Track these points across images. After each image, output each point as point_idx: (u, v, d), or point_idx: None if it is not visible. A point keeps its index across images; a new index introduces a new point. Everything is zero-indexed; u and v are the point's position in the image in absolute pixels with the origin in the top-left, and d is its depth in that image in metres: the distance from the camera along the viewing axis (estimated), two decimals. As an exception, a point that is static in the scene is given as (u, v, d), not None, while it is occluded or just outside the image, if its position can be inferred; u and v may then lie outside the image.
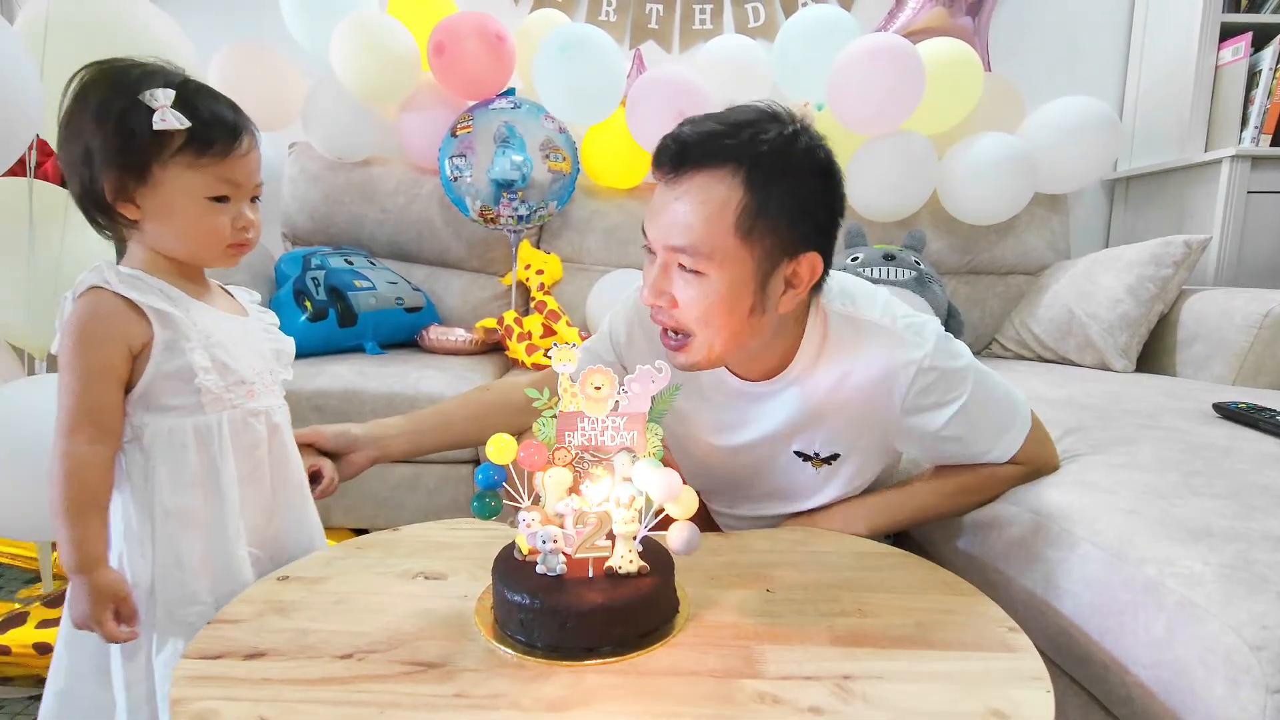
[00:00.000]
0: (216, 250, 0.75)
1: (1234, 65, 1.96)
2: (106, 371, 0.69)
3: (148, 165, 0.69)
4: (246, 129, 0.74)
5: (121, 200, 0.70)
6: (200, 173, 0.71)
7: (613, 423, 0.67)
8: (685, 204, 0.74)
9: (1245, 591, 0.62)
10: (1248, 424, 1.07)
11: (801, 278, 0.78)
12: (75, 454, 0.68)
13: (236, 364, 0.75)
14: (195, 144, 0.70)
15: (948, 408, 0.83)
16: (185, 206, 0.71)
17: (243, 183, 0.74)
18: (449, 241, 2.08)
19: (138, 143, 0.68)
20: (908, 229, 1.93)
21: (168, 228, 0.72)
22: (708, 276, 0.74)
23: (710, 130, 0.74)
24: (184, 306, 0.73)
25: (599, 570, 0.62)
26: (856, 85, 1.75)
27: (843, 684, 0.55)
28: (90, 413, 0.68)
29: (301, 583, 0.72)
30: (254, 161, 0.75)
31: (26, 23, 1.16)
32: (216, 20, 2.20)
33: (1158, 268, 1.64)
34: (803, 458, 0.91)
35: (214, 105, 0.72)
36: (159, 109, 0.68)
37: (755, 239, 0.74)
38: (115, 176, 0.69)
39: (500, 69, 1.88)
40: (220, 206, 0.73)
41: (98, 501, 0.69)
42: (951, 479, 0.90)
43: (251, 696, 0.54)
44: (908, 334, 0.82)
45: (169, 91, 0.69)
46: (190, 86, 0.71)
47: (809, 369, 0.86)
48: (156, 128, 0.67)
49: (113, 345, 0.69)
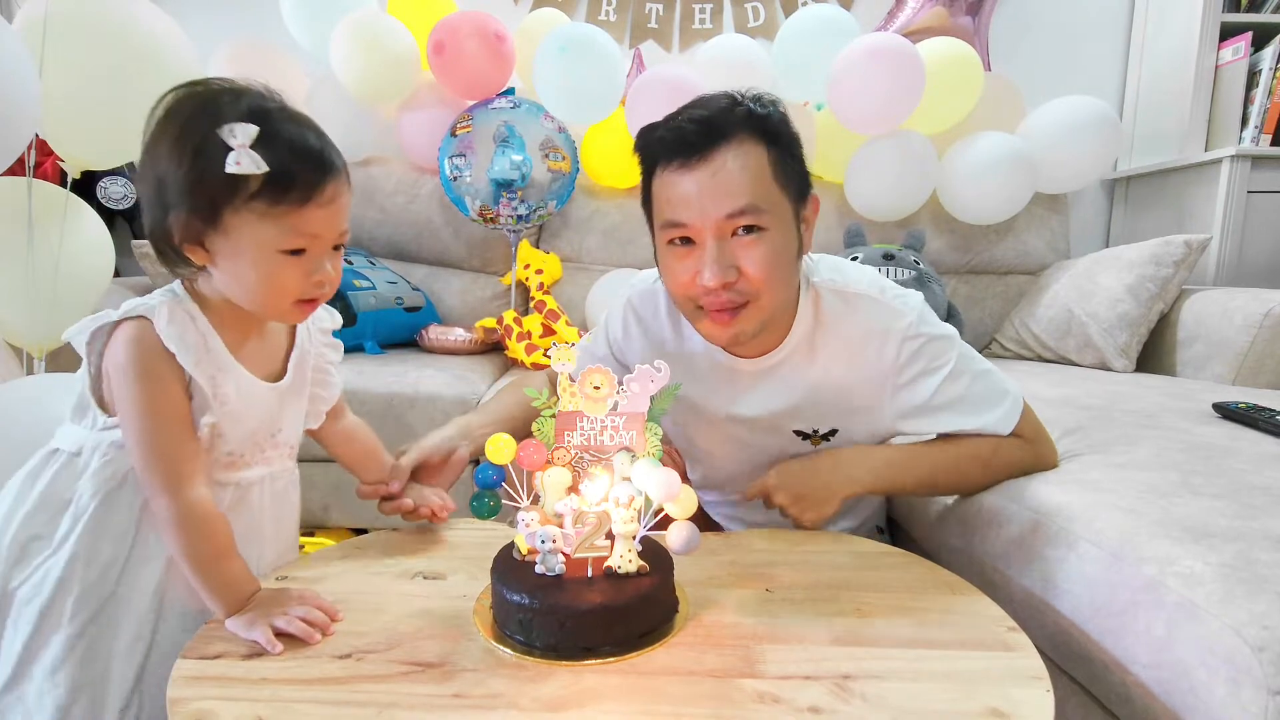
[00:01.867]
0: (283, 306, 0.68)
1: (1234, 65, 1.96)
2: (183, 415, 0.66)
3: (219, 209, 0.62)
4: (333, 172, 0.66)
5: (189, 243, 0.65)
6: (274, 223, 0.63)
7: (612, 422, 0.67)
8: (728, 174, 0.77)
9: (1246, 591, 0.61)
10: (1248, 424, 1.06)
11: (809, 216, 0.86)
12: (195, 503, 0.64)
13: (233, 434, 0.70)
14: (271, 190, 0.62)
15: (936, 374, 0.86)
16: (255, 259, 0.64)
17: (322, 234, 0.66)
18: (448, 241, 2.08)
19: (210, 183, 0.61)
20: (907, 228, 1.93)
21: (234, 279, 0.66)
22: (768, 230, 0.79)
23: (717, 109, 0.80)
24: (216, 366, 0.68)
25: (598, 570, 0.62)
26: (856, 85, 1.75)
27: (842, 683, 0.55)
28: (185, 460, 0.65)
29: (300, 583, 0.72)
30: (339, 210, 0.67)
31: (25, 21, 1.16)
32: (216, 19, 2.20)
33: (1158, 267, 1.64)
34: (801, 435, 0.93)
35: (299, 146, 0.64)
36: (236, 148, 0.60)
37: (786, 187, 0.81)
38: (184, 217, 0.63)
39: (500, 68, 1.88)
40: (294, 260, 0.65)
41: (230, 540, 0.66)
42: (964, 443, 0.90)
43: (249, 696, 0.54)
44: (895, 302, 0.87)
45: (250, 128, 0.61)
46: (277, 120, 0.63)
47: (802, 343, 0.89)
48: (228, 170, 0.60)
49: (177, 387, 0.65)
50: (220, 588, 0.64)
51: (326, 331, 0.81)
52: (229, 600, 0.63)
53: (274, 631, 0.60)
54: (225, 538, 0.66)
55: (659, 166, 0.81)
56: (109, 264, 1.35)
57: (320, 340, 0.80)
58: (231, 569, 0.65)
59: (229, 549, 0.66)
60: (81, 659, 0.65)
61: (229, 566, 0.65)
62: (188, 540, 0.64)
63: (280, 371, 0.75)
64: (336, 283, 0.70)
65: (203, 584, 0.64)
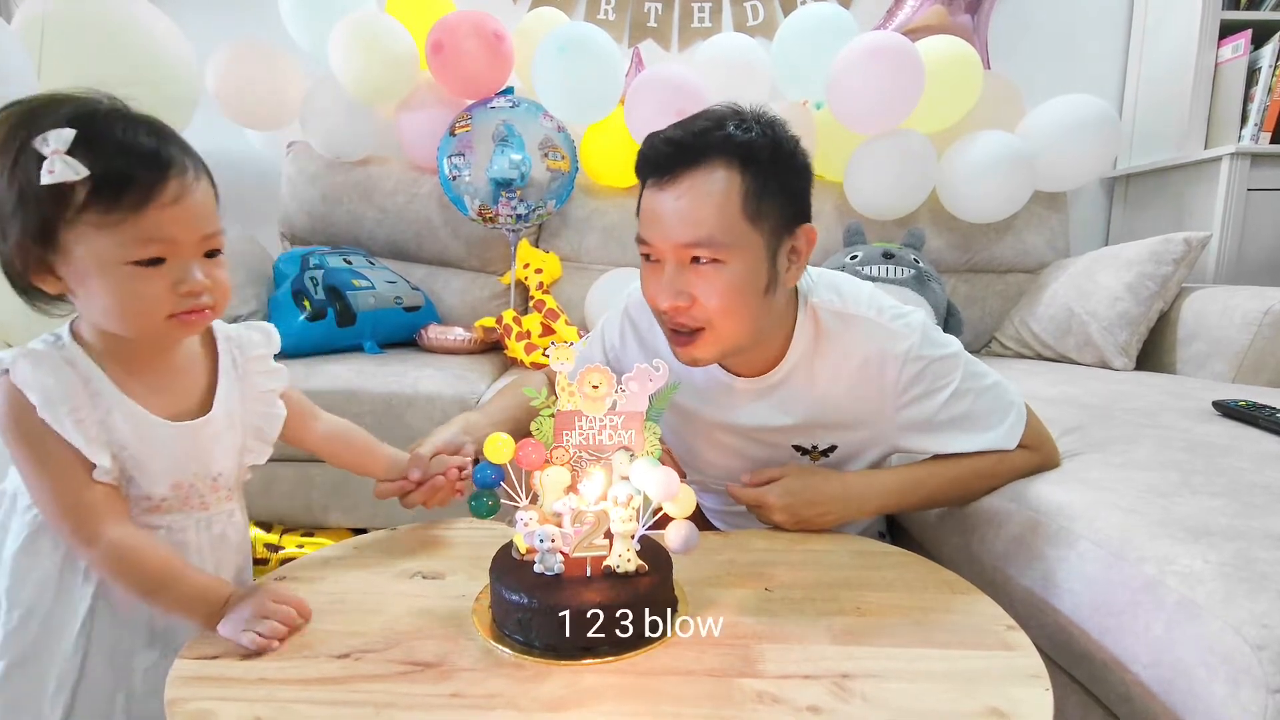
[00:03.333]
0: (153, 324, 0.61)
1: (1234, 63, 1.96)
2: (75, 464, 0.60)
3: (52, 227, 0.56)
4: (174, 169, 0.59)
5: (37, 272, 0.59)
6: (112, 234, 0.57)
7: (610, 421, 0.67)
8: (690, 200, 0.75)
9: (1246, 590, 0.61)
10: (1248, 422, 1.06)
11: (801, 250, 0.82)
12: (110, 548, 0.60)
13: (143, 478, 0.65)
14: (101, 197, 0.56)
15: (939, 394, 0.85)
16: (102, 277, 0.58)
17: (179, 237, 0.59)
18: (448, 241, 2.08)
19: (33, 199, 0.55)
20: (907, 227, 1.93)
21: (90, 303, 0.59)
22: (726, 264, 0.76)
23: (697, 129, 0.77)
24: (104, 408, 0.62)
25: (597, 569, 0.62)
26: (855, 83, 1.75)
27: (841, 683, 0.55)
28: (87, 508, 0.61)
29: (298, 583, 0.72)
30: (192, 210, 0.60)
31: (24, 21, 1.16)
32: (215, 19, 2.19)
33: (1157, 265, 1.64)
34: (801, 450, 0.92)
35: (128, 145, 0.57)
36: (50, 155, 0.54)
37: (761, 220, 0.77)
38: (18, 241, 0.57)
39: (499, 68, 1.88)
40: (151, 272, 0.59)
41: (169, 561, 0.62)
42: (968, 461, 0.89)
43: (247, 697, 0.54)
44: (895, 324, 0.85)
45: (65, 132, 0.55)
46: (102, 121, 0.57)
47: (801, 364, 0.87)
48: (43, 181, 0.54)
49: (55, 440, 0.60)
50: (181, 607, 0.62)
51: (262, 358, 0.74)
52: (200, 613, 0.61)
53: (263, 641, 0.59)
54: (160, 563, 0.62)
55: (644, 180, 0.81)
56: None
57: (255, 368, 0.73)
58: (184, 587, 0.62)
59: (170, 571, 0.62)
60: (7, 706, 0.63)
61: (179, 586, 0.62)
62: (122, 580, 0.62)
63: (198, 408, 0.69)
64: (217, 292, 0.63)
65: (163, 610, 0.63)
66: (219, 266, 0.64)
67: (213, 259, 0.63)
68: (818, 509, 0.84)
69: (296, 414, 0.79)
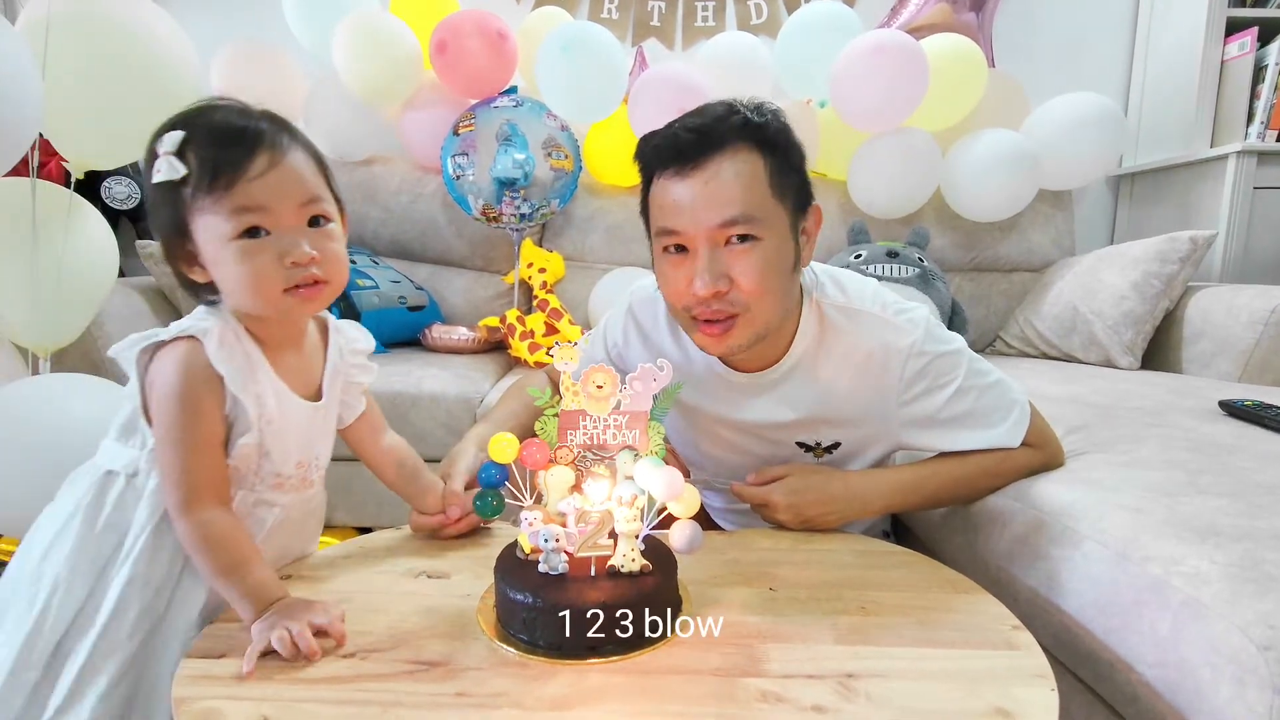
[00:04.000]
0: (271, 298, 0.64)
1: (1240, 60, 1.95)
2: (213, 440, 0.65)
3: (181, 220, 0.63)
4: (260, 143, 0.62)
5: (185, 264, 0.65)
6: (216, 213, 0.61)
7: (615, 421, 0.67)
8: (721, 182, 0.77)
9: (1252, 591, 0.61)
10: (1254, 421, 1.06)
11: (811, 230, 0.84)
12: (206, 522, 0.64)
13: (280, 455, 0.70)
14: (202, 181, 0.61)
15: (943, 391, 0.85)
16: (220, 257, 0.63)
17: (272, 205, 0.62)
18: (451, 240, 2.08)
19: (159, 198, 0.62)
20: (911, 226, 1.93)
21: (223, 286, 0.65)
22: (761, 240, 0.78)
23: (714, 118, 0.79)
24: (260, 384, 0.67)
25: (601, 569, 0.62)
26: (859, 82, 1.75)
27: (846, 682, 0.55)
28: (205, 484, 0.65)
29: (304, 581, 0.72)
30: (282, 180, 0.63)
31: (29, 22, 1.16)
32: (218, 20, 2.20)
33: (1163, 264, 1.63)
34: (804, 448, 0.92)
35: (218, 128, 0.63)
36: (161, 155, 0.61)
37: (783, 197, 0.80)
38: (163, 239, 0.64)
39: (502, 67, 1.88)
40: (256, 245, 0.62)
41: (249, 550, 0.65)
42: (973, 460, 0.89)
43: (254, 695, 0.54)
44: (899, 320, 0.85)
45: (175, 135, 0.61)
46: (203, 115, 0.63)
47: (804, 359, 0.88)
48: (155, 181, 0.61)
49: (216, 412, 0.65)
50: (239, 597, 0.62)
51: (360, 353, 0.79)
52: (251, 607, 0.62)
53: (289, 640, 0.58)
54: (240, 551, 0.64)
55: (656, 174, 0.81)
56: (113, 264, 1.36)
57: (352, 361, 0.78)
58: (249, 579, 0.63)
59: (244, 561, 0.64)
60: (134, 681, 0.65)
61: (246, 577, 0.63)
62: (204, 556, 0.64)
63: (316, 391, 0.74)
64: (327, 264, 0.65)
65: (224, 593, 0.64)
66: (329, 238, 0.66)
67: (321, 230, 0.65)
68: (822, 508, 0.84)
69: (369, 419, 0.83)
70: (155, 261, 1.68)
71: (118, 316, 1.56)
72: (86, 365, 1.49)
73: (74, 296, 1.27)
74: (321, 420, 0.75)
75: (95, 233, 1.31)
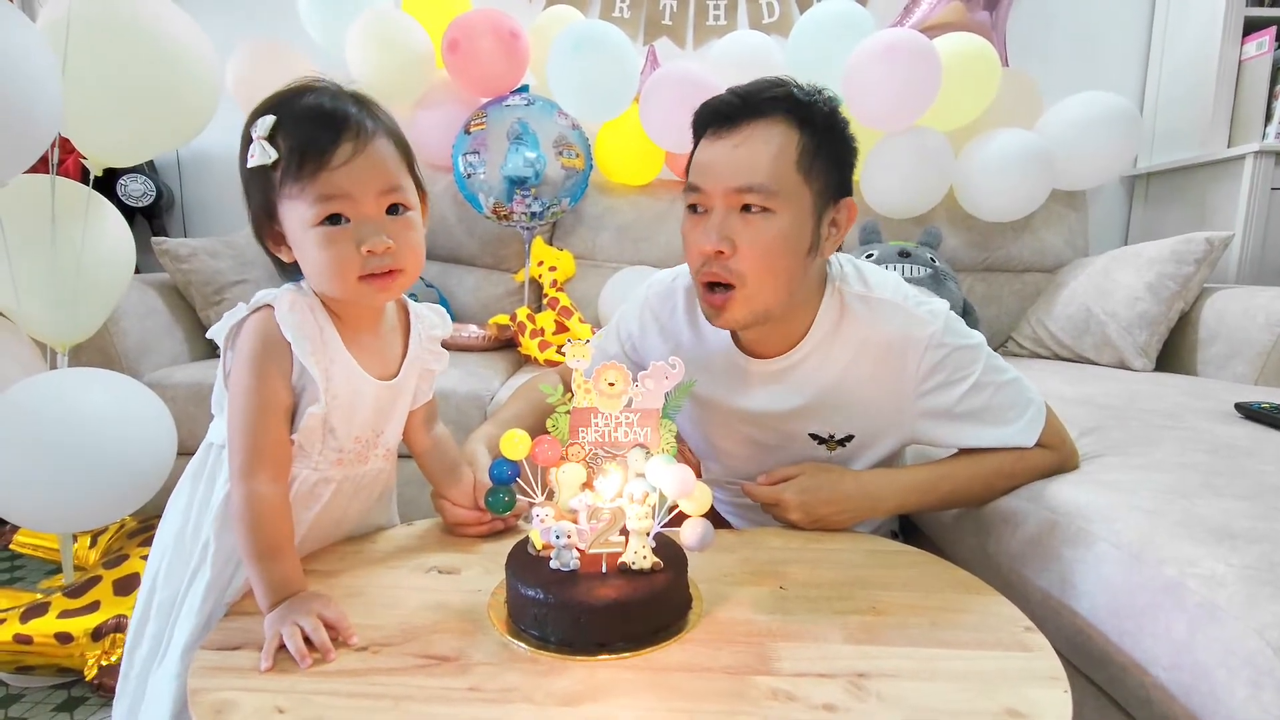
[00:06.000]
0: (347, 285, 0.65)
1: (1258, 60, 1.93)
2: (277, 407, 0.67)
3: (271, 203, 0.65)
4: (346, 129, 0.63)
5: (273, 243, 0.67)
6: (302, 199, 0.63)
7: (626, 418, 0.67)
8: (749, 148, 0.78)
9: (1269, 593, 0.61)
10: (1271, 424, 1.05)
11: (841, 222, 0.83)
12: (259, 496, 0.64)
13: (344, 431, 0.72)
14: (291, 167, 0.62)
15: (960, 384, 0.85)
16: (303, 241, 0.65)
17: (353, 193, 0.63)
18: (462, 238, 2.09)
19: (252, 180, 0.64)
20: (923, 225, 1.92)
21: (305, 268, 0.67)
22: (774, 214, 0.78)
23: (760, 86, 0.80)
24: (329, 358, 0.68)
25: (612, 566, 0.62)
26: (872, 81, 1.74)
27: (857, 681, 0.55)
28: (265, 451, 0.66)
29: (317, 576, 0.72)
30: (366, 165, 0.63)
31: (49, 22, 1.17)
32: (234, 19, 2.22)
33: (1178, 265, 1.62)
34: (817, 440, 0.92)
35: (310, 114, 0.63)
36: (255, 139, 0.62)
37: (813, 178, 0.79)
38: (255, 220, 0.67)
39: (514, 66, 1.89)
40: (336, 233, 0.63)
41: (286, 538, 0.66)
42: (988, 459, 0.89)
43: (268, 688, 0.54)
44: (919, 310, 0.85)
45: (267, 119, 0.62)
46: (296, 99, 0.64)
47: (820, 346, 0.88)
48: (248, 165, 0.63)
49: (281, 380, 0.67)
50: (264, 584, 0.63)
51: (435, 339, 0.80)
52: (271, 597, 0.62)
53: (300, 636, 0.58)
54: (279, 537, 0.65)
55: (703, 135, 0.83)
56: (130, 260, 1.37)
57: (427, 346, 0.79)
58: (279, 568, 0.64)
59: (278, 549, 0.64)
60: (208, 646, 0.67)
61: (277, 565, 0.64)
62: (246, 529, 0.64)
63: (393, 373, 0.76)
64: (403, 254, 0.66)
65: (250, 575, 0.64)
66: (408, 227, 0.67)
67: (400, 219, 0.66)
68: (834, 507, 0.84)
69: (426, 409, 0.83)
70: (170, 258, 1.70)
71: (133, 312, 1.58)
72: (102, 360, 1.51)
73: (92, 292, 1.28)
74: (391, 401, 0.76)
75: (113, 229, 1.33)
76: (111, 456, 1.12)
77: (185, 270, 1.71)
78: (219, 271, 1.73)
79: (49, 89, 1.06)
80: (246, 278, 1.76)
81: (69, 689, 1.22)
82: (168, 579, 0.71)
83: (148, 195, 2.11)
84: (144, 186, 2.10)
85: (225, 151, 2.22)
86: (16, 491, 1.09)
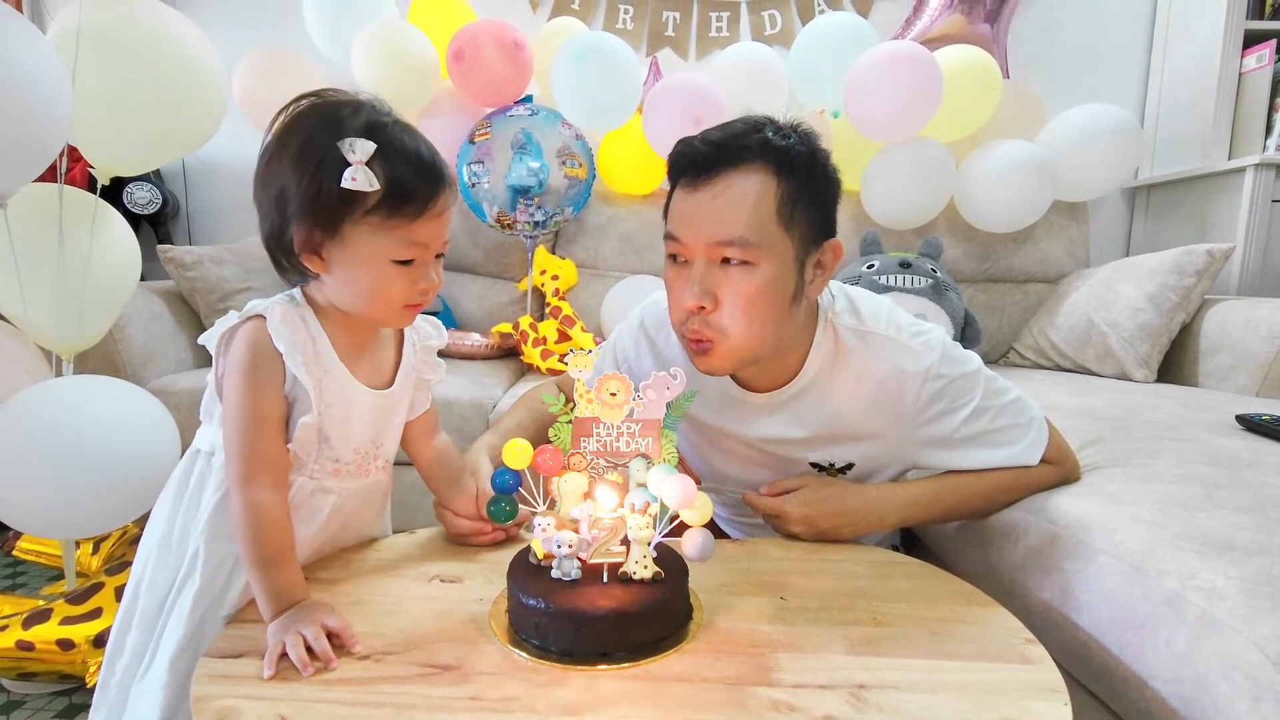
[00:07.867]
0: (392, 312, 0.70)
1: (1258, 73, 1.93)
2: (271, 416, 0.68)
3: (339, 221, 0.65)
4: (445, 184, 0.68)
5: (308, 253, 0.67)
6: (389, 235, 0.66)
7: (628, 429, 0.67)
8: (727, 199, 0.76)
9: (1269, 606, 0.61)
10: (1272, 436, 1.05)
11: (827, 263, 0.82)
12: (259, 504, 0.65)
13: (340, 441, 0.72)
14: (389, 204, 0.64)
15: (960, 411, 0.84)
16: (368, 269, 0.67)
17: (430, 243, 0.69)
18: (465, 247, 2.10)
19: (331, 197, 0.63)
20: (924, 236, 1.92)
21: (347, 286, 0.68)
22: (756, 266, 0.76)
23: (733, 133, 0.78)
24: (322, 368, 0.70)
25: (613, 575, 0.62)
26: (873, 92, 1.75)
27: (857, 693, 0.55)
28: (262, 460, 0.67)
29: (319, 584, 0.73)
30: (447, 221, 0.69)
31: (59, 32, 1.18)
32: (240, 28, 2.24)
33: (1179, 276, 1.62)
34: (818, 468, 0.92)
35: (414, 159, 0.66)
36: (354, 163, 0.62)
37: (793, 226, 0.77)
38: (306, 229, 0.65)
39: (518, 76, 1.90)
40: (402, 270, 0.68)
41: (287, 547, 0.66)
42: (991, 474, 0.88)
43: (271, 695, 0.55)
44: (914, 342, 0.84)
45: (368, 145, 0.63)
46: (392, 133, 0.66)
47: (818, 379, 0.87)
48: (344, 186, 0.62)
49: (274, 390, 0.68)
50: (266, 592, 0.63)
51: (431, 350, 0.81)
52: (274, 606, 0.63)
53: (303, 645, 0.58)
54: (280, 545, 0.66)
55: (677, 181, 0.81)
56: (136, 268, 1.38)
57: (423, 356, 0.81)
58: (281, 577, 0.64)
59: (279, 558, 0.65)
60: (191, 660, 0.66)
61: (279, 574, 0.64)
62: (244, 539, 0.65)
63: (387, 382, 0.77)
64: (438, 289, 0.72)
65: (252, 583, 0.65)
66: (440, 266, 0.72)
67: (439, 260, 0.72)
68: (837, 520, 0.84)
69: (426, 419, 0.84)
70: (175, 265, 1.71)
71: (138, 319, 1.59)
72: (107, 367, 1.52)
73: (98, 299, 1.29)
74: (387, 410, 0.77)
75: (119, 237, 1.33)
76: (115, 463, 1.12)
77: (190, 278, 1.72)
78: (223, 279, 1.75)
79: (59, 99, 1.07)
80: (251, 285, 1.77)
81: (70, 696, 1.22)
82: (151, 587, 0.71)
83: (153, 203, 2.12)
84: (150, 194, 2.11)
85: (231, 160, 2.23)
86: (20, 497, 1.10)
